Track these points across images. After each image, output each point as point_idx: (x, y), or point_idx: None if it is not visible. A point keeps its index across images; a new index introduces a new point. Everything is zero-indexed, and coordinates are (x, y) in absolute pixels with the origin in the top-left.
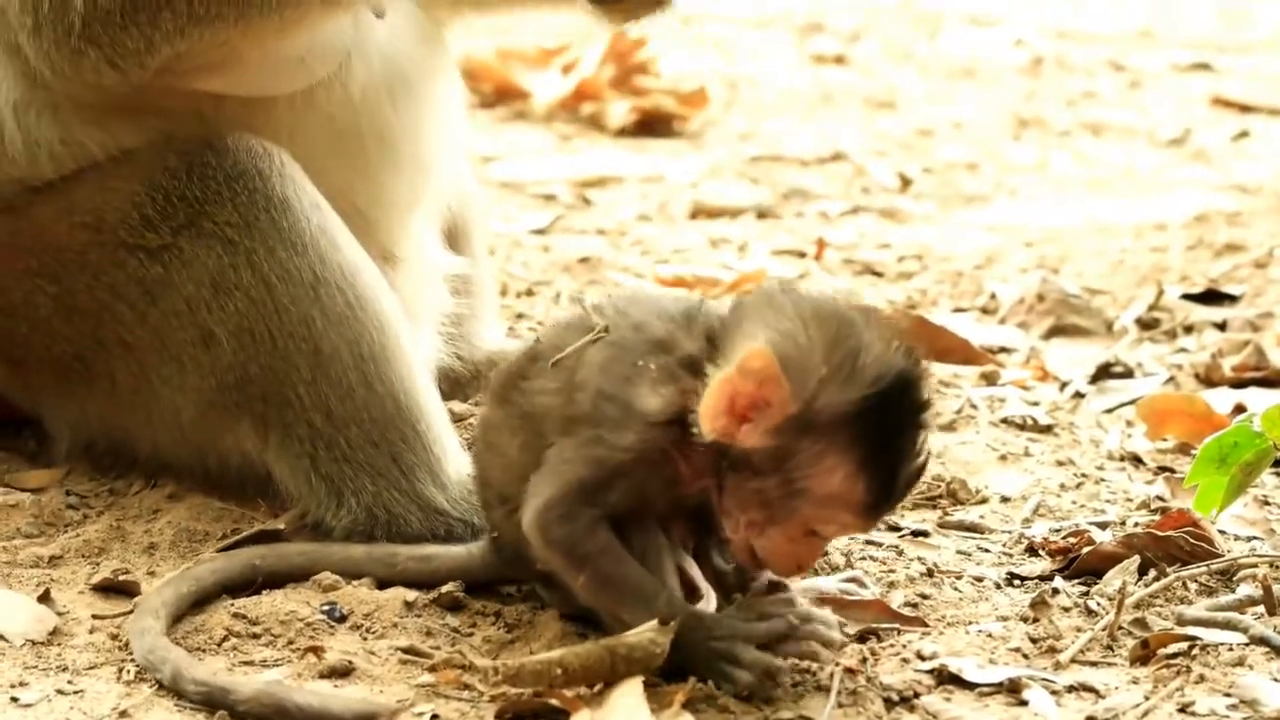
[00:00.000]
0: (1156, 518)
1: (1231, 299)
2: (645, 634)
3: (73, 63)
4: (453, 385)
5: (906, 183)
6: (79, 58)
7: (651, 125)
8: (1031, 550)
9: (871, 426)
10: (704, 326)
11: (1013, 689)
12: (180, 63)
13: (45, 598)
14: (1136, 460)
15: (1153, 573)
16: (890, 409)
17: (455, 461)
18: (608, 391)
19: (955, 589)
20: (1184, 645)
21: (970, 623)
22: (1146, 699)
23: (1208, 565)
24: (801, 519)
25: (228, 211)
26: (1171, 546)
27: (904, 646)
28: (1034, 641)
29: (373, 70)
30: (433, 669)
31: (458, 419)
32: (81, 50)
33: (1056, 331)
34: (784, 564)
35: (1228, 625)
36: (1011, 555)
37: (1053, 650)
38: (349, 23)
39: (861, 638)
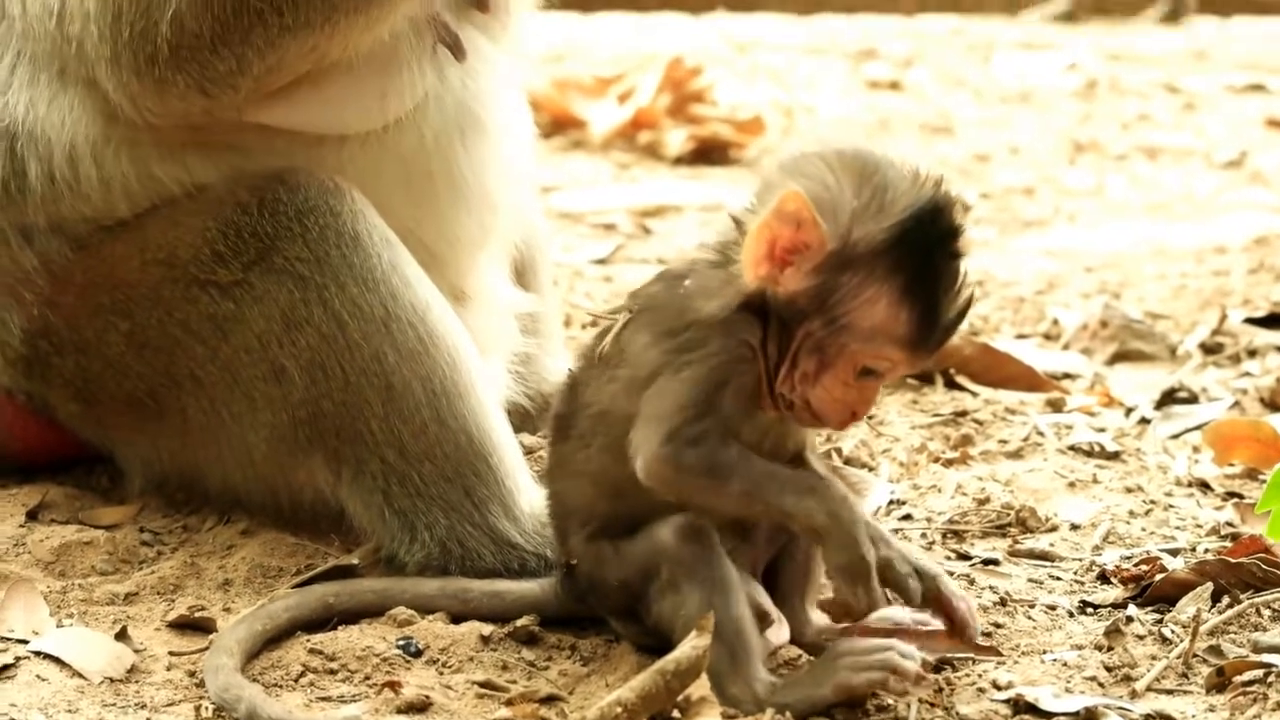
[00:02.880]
0: (1227, 544)
1: None
2: (685, 644)
3: (157, 92)
4: (522, 419)
5: (965, 209)
6: (164, 87)
7: (709, 153)
8: (1103, 578)
9: (907, 254)
10: (729, 219)
11: (1090, 718)
12: (269, 80)
13: (122, 635)
14: (1204, 486)
15: (1226, 600)
16: (923, 235)
17: (528, 495)
18: (669, 330)
19: (1028, 617)
20: (1260, 672)
21: (1044, 651)
22: None
23: None
24: (850, 357)
25: (299, 247)
26: (1244, 573)
27: (979, 676)
28: (1109, 670)
29: (446, 111)
30: (509, 703)
31: (528, 452)
32: (167, 79)
33: (1120, 357)
34: (838, 412)
35: None
36: (1083, 583)
37: (1128, 679)
38: (428, 65)
39: (937, 668)
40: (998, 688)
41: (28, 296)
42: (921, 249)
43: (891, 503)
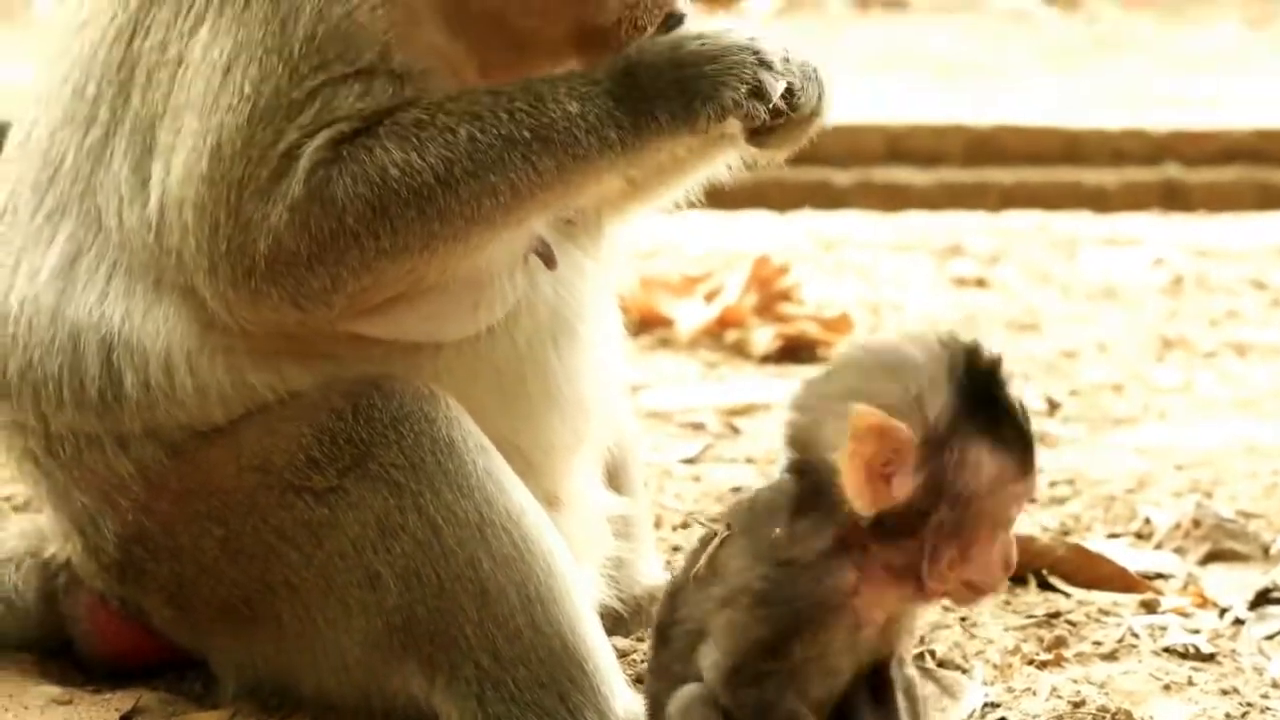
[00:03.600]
0: None
1: None
2: None
3: (252, 302)
4: (614, 622)
5: (1054, 406)
6: (259, 298)
7: (796, 351)
8: None
9: (977, 404)
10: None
11: None
12: (364, 298)
13: None
14: None
15: None
16: (982, 378)
17: (622, 700)
18: (764, 558)
19: None
20: None
21: None
22: None
23: None
24: (989, 519)
25: (394, 454)
26: None
27: None
28: None
29: (538, 319)
30: None
31: (621, 655)
32: (263, 291)
33: (1213, 557)
34: (997, 573)
35: None
36: None
37: None
38: (520, 274)
39: None
40: None
41: (123, 503)
42: (988, 391)
43: (986, 705)
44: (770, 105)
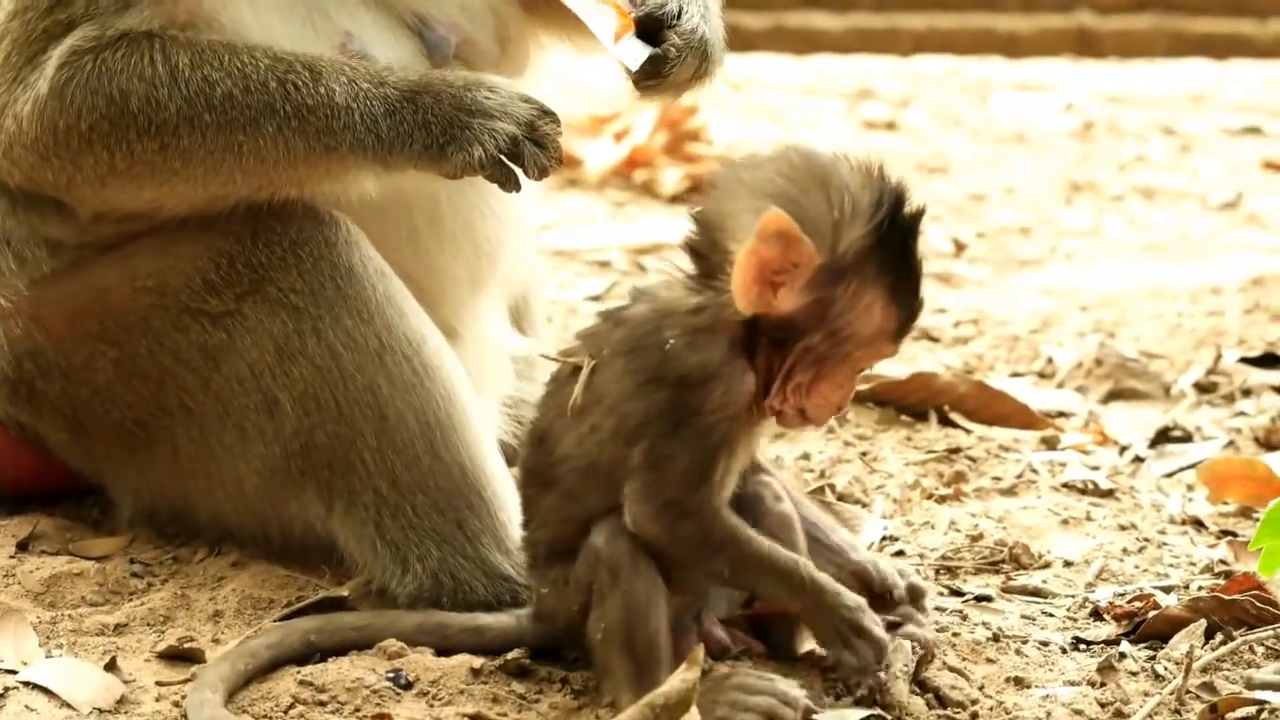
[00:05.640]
0: (1221, 581)
1: None
2: (675, 677)
3: (6, 174)
4: (512, 455)
5: (960, 247)
6: (6, 175)
7: (704, 191)
8: (1096, 615)
9: (890, 251)
10: (686, 245)
11: None
12: (106, 208)
13: (111, 665)
14: (1198, 524)
15: (1219, 636)
16: (899, 228)
17: (519, 528)
18: (657, 379)
19: (1021, 654)
20: (1253, 709)
21: (1037, 687)
22: None
23: (1274, 629)
24: (853, 362)
25: (293, 278)
26: (1237, 610)
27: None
28: (1102, 706)
29: None
30: None
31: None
32: (4, 168)
33: (1115, 396)
34: (830, 411)
35: None
36: (1076, 620)
37: (1121, 715)
38: None
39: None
40: None
41: (4, 304)
42: (900, 242)
43: (884, 539)
44: (540, 168)
